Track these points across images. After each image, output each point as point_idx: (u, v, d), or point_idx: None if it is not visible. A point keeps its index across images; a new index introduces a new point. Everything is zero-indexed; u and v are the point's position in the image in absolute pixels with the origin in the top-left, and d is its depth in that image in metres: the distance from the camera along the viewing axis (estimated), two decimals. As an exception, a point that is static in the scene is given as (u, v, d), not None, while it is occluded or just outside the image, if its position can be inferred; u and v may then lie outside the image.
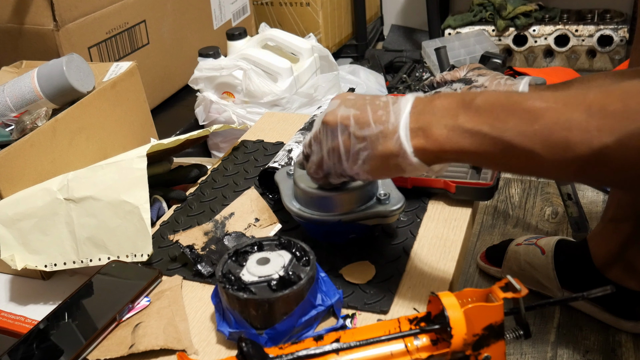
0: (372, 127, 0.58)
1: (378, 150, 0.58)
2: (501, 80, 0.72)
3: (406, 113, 0.57)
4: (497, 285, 0.55)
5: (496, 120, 0.52)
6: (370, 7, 2.32)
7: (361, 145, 0.59)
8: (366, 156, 0.59)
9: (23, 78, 0.99)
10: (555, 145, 0.49)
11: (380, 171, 0.60)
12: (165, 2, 1.49)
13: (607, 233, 1.04)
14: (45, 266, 0.78)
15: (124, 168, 0.79)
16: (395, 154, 0.57)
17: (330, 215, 0.71)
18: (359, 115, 0.59)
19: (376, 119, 0.58)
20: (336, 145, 0.61)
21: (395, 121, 0.57)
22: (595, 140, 0.48)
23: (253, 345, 0.52)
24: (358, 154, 0.60)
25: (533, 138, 0.50)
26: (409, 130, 0.56)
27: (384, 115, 0.58)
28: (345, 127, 0.60)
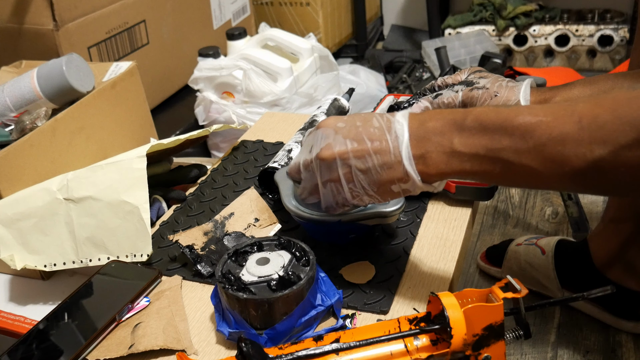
0: (373, 158, 0.58)
1: (383, 179, 0.59)
2: (502, 82, 0.72)
3: (405, 142, 0.57)
4: (497, 286, 0.55)
5: (490, 141, 0.53)
6: (370, 7, 2.32)
7: (363, 177, 0.59)
8: (370, 187, 0.60)
9: (23, 78, 0.99)
10: (551, 161, 0.50)
11: (386, 196, 0.61)
12: (165, 2, 1.49)
13: (607, 233, 1.04)
14: (44, 266, 0.78)
15: (124, 168, 0.79)
16: (401, 180, 0.58)
17: (330, 215, 0.70)
18: (357, 149, 0.59)
19: (375, 150, 0.58)
20: (336, 178, 0.61)
21: (396, 151, 0.58)
22: (588, 153, 0.48)
23: (253, 345, 0.52)
24: (362, 185, 0.60)
25: (529, 155, 0.51)
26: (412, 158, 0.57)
27: (381, 144, 0.58)
28: (344, 161, 0.60)
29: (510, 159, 0.52)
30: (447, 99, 0.73)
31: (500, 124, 0.53)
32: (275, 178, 0.80)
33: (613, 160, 0.48)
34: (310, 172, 0.63)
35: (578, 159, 0.49)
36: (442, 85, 0.76)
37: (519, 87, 0.71)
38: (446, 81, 0.76)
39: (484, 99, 0.70)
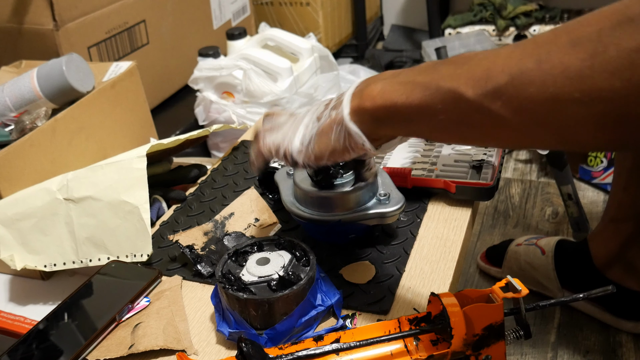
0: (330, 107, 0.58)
1: (325, 123, 0.57)
2: None
3: (357, 82, 0.56)
4: (497, 286, 0.55)
5: (433, 71, 0.51)
6: (370, 7, 2.32)
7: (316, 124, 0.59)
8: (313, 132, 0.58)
9: (22, 78, 0.99)
10: (477, 79, 0.46)
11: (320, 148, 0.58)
12: (165, 2, 1.49)
13: (607, 233, 1.04)
14: (44, 266, 0.78)
15: (124, 168, 0.79)
16: (336, 122, 0.56)
17: (330, 215, 0.70)
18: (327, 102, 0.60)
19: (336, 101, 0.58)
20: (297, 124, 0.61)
21: (342, 97, 0.57)
22: (514, 65, 0.45)
23: (253, 345, 0.52)
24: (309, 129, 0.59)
25: (459, 77, 0.48)
26: (351, 95, 0.55)
27: (342, 95, 0.58)
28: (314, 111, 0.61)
29: (440, 83, 0.49)
30: None
31: (451, 59, 0.51)
32: (275, 178, 0.80)
33: (537, 68, 0.43)
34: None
35: (503, 73, 0.45)
36: None
37: None
38: None
39: None
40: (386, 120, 0.54)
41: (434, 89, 0.49)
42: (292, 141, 0.60)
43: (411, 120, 0.53)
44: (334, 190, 0.70)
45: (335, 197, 0.70)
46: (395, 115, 0.53)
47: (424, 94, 0.50)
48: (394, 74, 0.54)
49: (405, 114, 0.52)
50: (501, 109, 0.46)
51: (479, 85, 0.46)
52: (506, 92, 0.45)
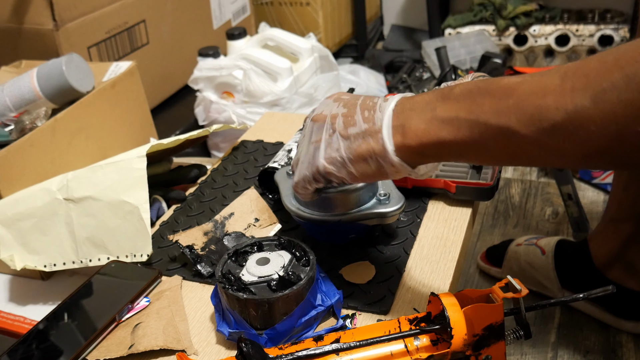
0: (358, 126, 0.57)
1: (362, 148, 0.56)
2: None
3: (389, 111, 0.55)
4: (497, 286, 0.55)
5: (473, 104, 0.50)
6: (370, 7, 2.32)
7: (344, 143, 0.57)
8: (347, 155, 0.57)
9: (22, 78, 0.99)
10: (530, 116, 0.47)
11: (360, 166, 0.58)
12: (164, 1, 1.49)
13: (607, 233, 1.04)
14: (44, 266, 0.78)
15: (124, 168, 0.79)
16: (376, 153, 0.56)
17: (330, 215, 0.70)
18: (347, 114, 0.58)
19: (364, 119, 0.57)
20: (318, 140, 0.59)
21: (379, 120, 0.56)
22: (569, 103, 0.45)
23: (253, 345, 0.52)
24: (340, 153, 0.58)
25: (508, 113, 0.48)
26: (391, 128, 0.55)
27: (371, 114, 0.57)
28: (332, 124, 0.59)
29: (488, 121, 0.49)
30: None
31: (485, 88, 0.50)
32: (275, 178, 0.80)
33: (594, 107, 0.44)
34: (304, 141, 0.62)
35: (558, 111, 0.45)
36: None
37: None
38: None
39: None
40: (433, 155, 0.54)
41: (482, 127, 0.49)
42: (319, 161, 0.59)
43: (460, 155, 0.53)
44: (334, 190, 0.70)
45: (335, 197, 0.70)
46: (444, 151, 0.53)
47: (472, 131, 0.50)
48: (429, 105, 0.53)
49: (454, 150, 0.52)
50: (561, 144, 0.46)
51: (533, 123, 0.46)
52: (565, 129, 0.45)
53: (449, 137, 0.51)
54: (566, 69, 0.47)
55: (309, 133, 0.61)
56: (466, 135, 0.50)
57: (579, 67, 0.46)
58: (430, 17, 2.20)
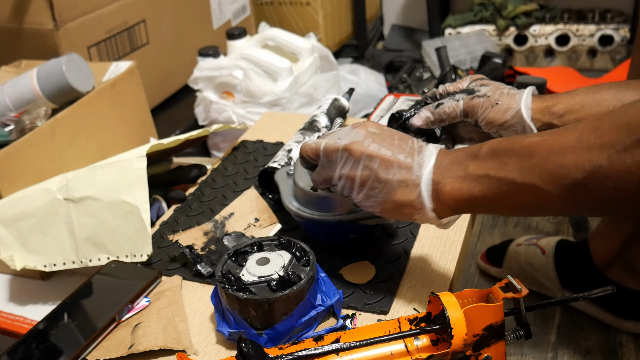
0: (395, 172, 0.58)
1: (396, 197, 0.59)
2: (504, 90, 0.72)
3: (429, 168, 0.58)
4: (497, 286, 0.55)
5: (499, 163, 0.54)
6: (370, 7, 2.32)
7: (379, 186, 0.59)
8: (381, 198, 0.59)
9: (22, 78, 0.99)
10: (552, 175, 0.51)
11: (389, 214, 0.61)
12: (165, 1, 1.49)
13: (607, 233, 1.04)
14: (44, 266, 0.78)
15: (124, 168, 0.79)
16: (412, 206, 0.59)
17: (330, 215, 0.70)
18: (385, 157, 0.59)
19: (401, 165, 0.59)
20: (353, 176, 0.60)
21: (418, 173, 0.58)
22: (587, 162, 0.49)
23: (253, 345, 0.52)
24: (374, 193, 0.60)
25: (532, 172, 0.52)
26: (431, 183, 0.58)
27: (408, 163, 0.59)
28: (369, 162, 0.59)
29: (514, 178, 0.53)
30: (449, 108, 0.73)
31: (509, 147, 0.54)
32: (275, 178, 0.80)
33: (610, 167, 0.48)
34: (330, 162, 0.63)
35: (577, 169, 0.49)
36: (444, 93, 0.76)
37: (520, 94, 0.71)
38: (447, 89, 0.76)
39: (485, 107, 0.71)
40: (465, 210, 0.58)
41: (509, 184, 0.54)
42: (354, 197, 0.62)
43: (490, 209, 0.57)
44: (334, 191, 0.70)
45: (335, 197, 0.70)
46: (475, 206, 0.57)
47: (501, 188, 0.54)
48: (461, 164, 0.57)
49: (485, 205, 0.57)
50: (583, 198, 0.51)
51: (556, 181, 0.51)
52: (585, 185, 0.50)
53: (479, 194, 0.56)
54: (582, 129, 0.51)
55: (341, 161, 0.61)
56: (495, 191, 0.55)
57: (594, 128, 0.50)
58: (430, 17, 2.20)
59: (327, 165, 0.63)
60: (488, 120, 0.70)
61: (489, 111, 0.70)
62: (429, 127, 0.75)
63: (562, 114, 0.68)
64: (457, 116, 0.72)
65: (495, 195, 0.55)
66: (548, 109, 0.69)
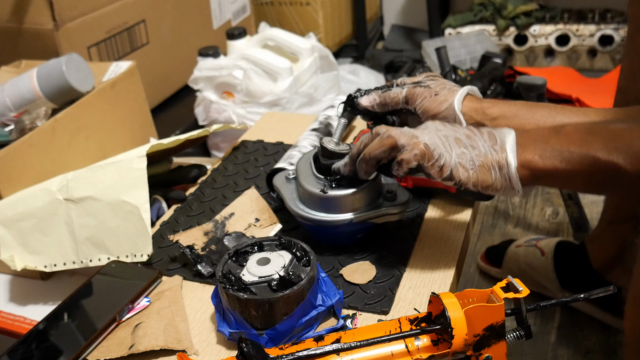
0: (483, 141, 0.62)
1: (488, 158, 0.61)
2: (447, 85, 0.75)
3: (512, 136, 0.61)
4: (498, 286, 0.55)
5: (583, 141, 0.58)
6: (370, 7, 2.31)
7: (474, 152, 0.62)
8: (477, 162, 0.61)
9: (22, 78, 0.99)
10: (636, 157, 0.55)
11: (481, 180, 0.62)
12: (164, 1, 1.49)
13: (605, 236, 1.04)
14: (44, 266, 0.78)
15: (124, 168, 0.79)
16: (500, 165, 0.61)
17: (342, 216, 0.70)
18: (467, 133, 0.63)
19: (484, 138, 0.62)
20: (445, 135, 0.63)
21: (502, 138, 0.62)
22: None
23: (253, 345, 0.52)
24: (467, 151, 0.62)
25: (616, 152, 0.56)
26: (514, 148, 0.61)
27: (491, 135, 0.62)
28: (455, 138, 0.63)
29: (598, 156, 0.57)
30: (393, 93, 0.75)
31: (593, 128, 0.59)
32: (274, 183, 0.79)
33: None
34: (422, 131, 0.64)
35: None
36: (401, 84, 0.78)
37: (458, 90, 0.72)
38: (405, 81, 0.78)
39: (424, 96, 0.73)
40: (544, 179, 0.61)
41: (591, 160, 0.57)
42: (451, 155, 0.62)
43: (568, 182, 0.62)
44: (345, 191, 0.70)
45: (347, 197, 0.70)
46: (554, 177, 0.60)
47: (582, 163, 0.58)
48: (543, 137, 0.61)
49: (564, 177, 0.60)
50: None
51: (638, 162, 0.55)
52: None
53: (561, 166, 0.59)
54: None
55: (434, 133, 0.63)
56: (576, 166, 0.58)
57: None
58: (430, 17, 2.20)
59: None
60: (424, 108, 0.72)
61: (427, 100, 0.72)
62: (374, 109, 0.76)
63: (495, 118, 0.70)
64: (399, 102, 0.74)
65: (576, 171, 0.58)
66: (483, 109, 0.71)
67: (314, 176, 0.73)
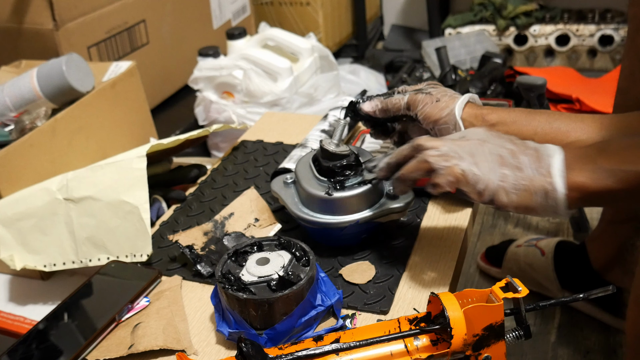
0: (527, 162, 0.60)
1: (534, 183, 0.59)
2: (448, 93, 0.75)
3: (558, 158, 0.59)
4: (497, 286, 0.55)
5: (634, 157, 0.57)
6: (370, 7, 2.31)
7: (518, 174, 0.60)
8: (520, 185, 0.60)
9: (22, 78, 0.99)
10: None
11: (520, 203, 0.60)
12: (165, 1, 1.49)
13: (605, 236, 1.04)
14: (44, 266, 0.78)
15: (124, 168, 0.79)
16: (546, 190, 0.59)
17: (348, 217, 0.70)
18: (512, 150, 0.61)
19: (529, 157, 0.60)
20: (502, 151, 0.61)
21: (547, 161, 0.59)
22: None
23: (253, 345, 0.52)
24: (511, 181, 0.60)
25: None
26: (563, 172, 0.59)
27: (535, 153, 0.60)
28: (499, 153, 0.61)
29: None
30: (395, 99, 0.76)
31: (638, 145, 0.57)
32: (273, 188, 0.79)
33: None
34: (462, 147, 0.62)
35: None
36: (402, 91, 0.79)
37: (459, 98, 0.73)
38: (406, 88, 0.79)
39: (426, 102, 0.73)
40: (594, 200, 0.60)
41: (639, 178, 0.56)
42: (491, 178, 0.60)
43: (621, 200, 0.61)
44: (351, 192, 0.70)
45: (352, 198, 0.70)
46: (606, 197, 0.59)
47: (629, 183, 0.57)
48: (588, 157, 0.59)
49: (617, 196, 0.58)
50: None
51: None
52: None
53: (615, 185, 0.57)
54: None
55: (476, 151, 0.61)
56: (632, 184, 0.57)
57: None
58: (430, 17, 2.20)
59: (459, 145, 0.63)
60: (426, 114, 0.73)
61: (428, 106, 0.73)
62: (376, 115, 0.77)
63: (494, 124, 0.70)
64: (400, 108, 0.75)
65: (630, 189, 0.57)
66: (482, 115, 0.71)
67: (316, 179, 0.72)
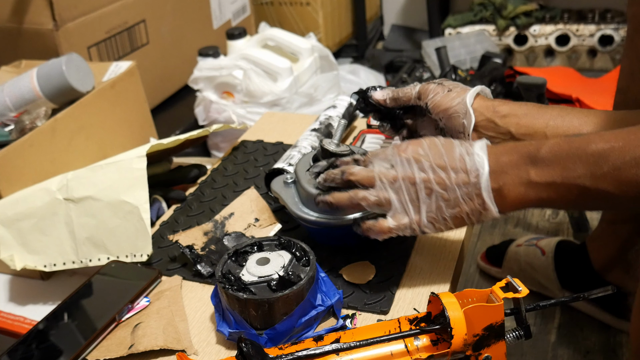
0: (454, 188, 0.60)
1: (464, 209, 0.61)
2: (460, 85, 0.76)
3: (485, 176, 0.59)
4: (497, 286, 0.55)
5: (565, 170, 0.56)
6: (370, 7, 2.31)
7: (445, 204, 0.61)
8: (450, 215, 0.61)
9: (22, 78, 0.99)
10: (627, 184, 0.53)
11: (457, 225, 0.62)
12: (165, 1, 1.49)
13: (606, 236, 1.04)
14: (44, 266, 0.78)
15: (124, 168, 0.79)
16: (481, 213, 0.61)
17: (349, 216, 0.70)
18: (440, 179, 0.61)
19: (457, 183, 0.60)
20: (414, 200, 0.62)
21: (475, 180, 0.60)
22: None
23: (253, 345, 0.52)
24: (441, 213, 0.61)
25: (604, 180, 0.54)
26: (491, 192, 0.59)
27: (463, 176, 0.60)
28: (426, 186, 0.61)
29: (586, 185, 0.55)
30: (406, 88, 0.76)
31: (573, 152, 0.56)
32: (273, 188, 0.79)
33: None
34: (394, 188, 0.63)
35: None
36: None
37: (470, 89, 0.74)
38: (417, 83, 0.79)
39: (437, 91, 0.73)
40: (530, 207, 0.60)
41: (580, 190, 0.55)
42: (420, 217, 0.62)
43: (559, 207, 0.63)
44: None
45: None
46: (542, 206, 0.59)
47: (571, 193, 0.56)
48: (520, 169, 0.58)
49: (552, 205, 0.59)
50: None
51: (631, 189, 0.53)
52: None
53: (548, 198, 0.57)
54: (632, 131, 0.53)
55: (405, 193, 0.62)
56: (564, 196, 0.57)
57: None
58: (430, 17, 2.20)
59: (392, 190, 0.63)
60: (436, 103, 0.73)
61: (439, 96, 0.73)
62: (386, 104, 0.77)
63: (505, 115, 0.70)
64: (411, 97, 0.75)
65: (564, 199, 0.57)
66: (494, 107, 0.72)
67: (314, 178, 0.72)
